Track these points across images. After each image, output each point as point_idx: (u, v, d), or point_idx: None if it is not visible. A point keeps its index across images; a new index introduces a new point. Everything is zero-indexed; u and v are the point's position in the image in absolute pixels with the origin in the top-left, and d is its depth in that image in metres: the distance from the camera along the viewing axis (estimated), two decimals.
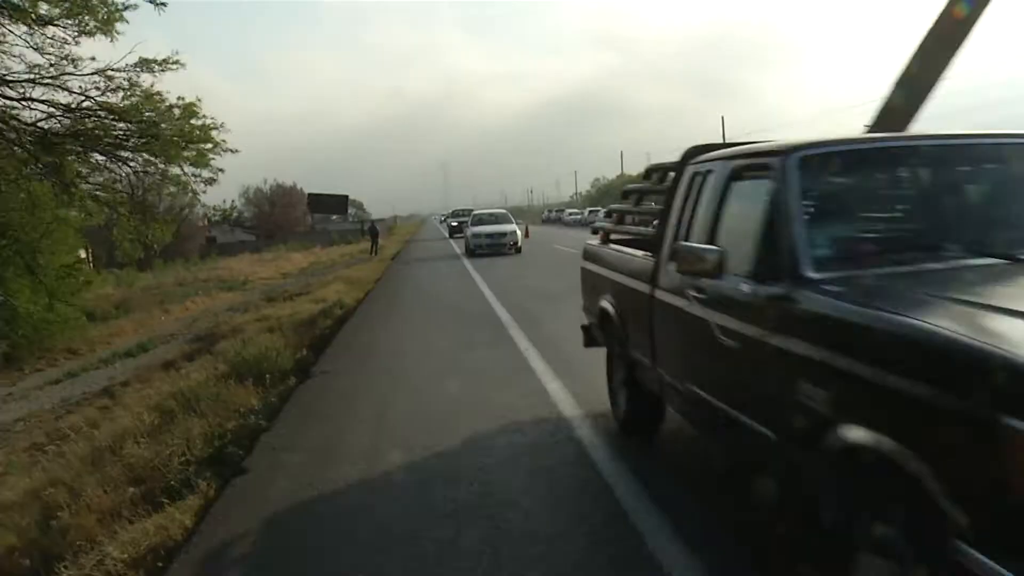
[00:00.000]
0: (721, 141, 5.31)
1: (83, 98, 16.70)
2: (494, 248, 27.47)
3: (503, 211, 34.59)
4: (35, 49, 15.90)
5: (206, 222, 78.33)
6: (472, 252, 27.95)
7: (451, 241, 42.60)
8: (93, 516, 4.99)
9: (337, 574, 3.84)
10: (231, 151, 19.13)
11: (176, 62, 17.11)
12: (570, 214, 75.74)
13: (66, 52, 16.13)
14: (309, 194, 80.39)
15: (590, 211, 72.31)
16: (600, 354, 6.19)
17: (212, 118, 18.45)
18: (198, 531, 4.56)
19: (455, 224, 49.68)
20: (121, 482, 5.54)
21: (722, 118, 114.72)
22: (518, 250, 27.60)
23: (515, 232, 28.39)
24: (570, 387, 6.90)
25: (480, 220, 30.75)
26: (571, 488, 4.76)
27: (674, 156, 5.01)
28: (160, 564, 4.14)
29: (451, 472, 5.12)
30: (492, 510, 4.41)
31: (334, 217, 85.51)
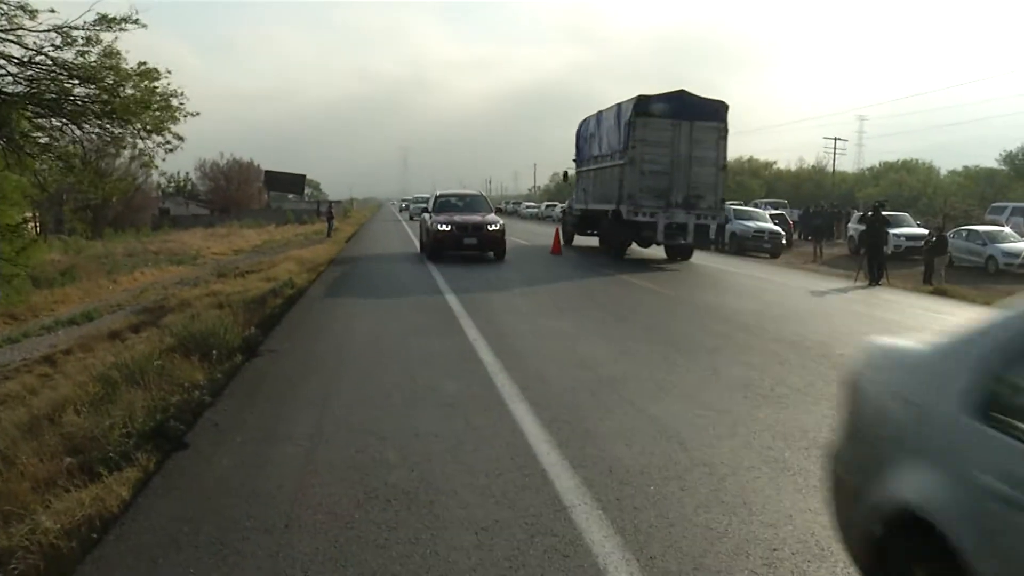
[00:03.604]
0: None
1: (36, 52, 16.17)
2: None
3: None
4: None
5: (159, 193, 76.89)
6: None
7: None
8: (27, 484, 4.91)
9: (271, 555, 3.86)
10: (191, 114, 18.70)
11: (136, 20, 16.63)
12: (527, 207, 76.52)
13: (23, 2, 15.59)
14: (266, 171, 79.57)
15: (547, 205, 72.77)
16: None
17: (172, 84, 18.09)
18: (135, 504, 4.53)
19: (446, 229, 20.49)
20: (58, 451, 5.45)
21: None
22: None
23: None
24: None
25: None
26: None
27: None
28: (95, 535, 4.11)
29: (391, 458, 5.17)
30: (431, 498, 4.47)
31: (290, 196, 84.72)
